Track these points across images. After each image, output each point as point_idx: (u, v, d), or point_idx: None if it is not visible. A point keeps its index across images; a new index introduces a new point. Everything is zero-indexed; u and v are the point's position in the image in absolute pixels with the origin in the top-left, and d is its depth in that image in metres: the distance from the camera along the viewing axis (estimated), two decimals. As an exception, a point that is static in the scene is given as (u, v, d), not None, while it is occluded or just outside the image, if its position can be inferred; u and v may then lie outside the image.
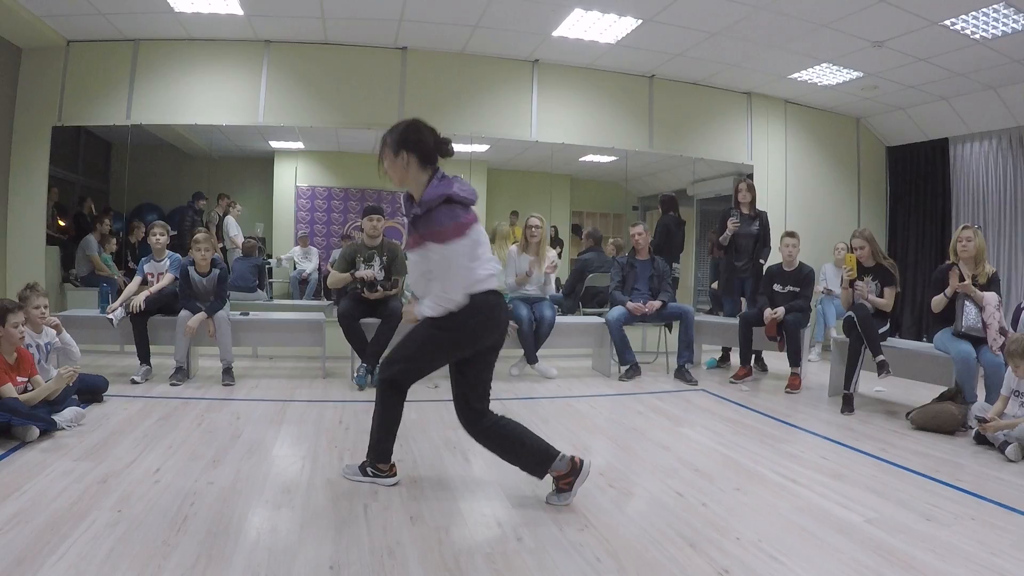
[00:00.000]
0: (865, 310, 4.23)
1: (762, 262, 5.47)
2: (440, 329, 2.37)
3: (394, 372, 2.52)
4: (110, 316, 4.50)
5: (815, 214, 7.26)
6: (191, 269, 4.56)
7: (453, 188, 2.31)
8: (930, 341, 4.32)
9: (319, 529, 2.17)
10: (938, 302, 4.03)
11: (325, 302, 6.28)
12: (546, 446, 2.44)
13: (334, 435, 3.32)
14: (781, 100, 7.23)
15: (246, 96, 5.92)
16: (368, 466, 2.63)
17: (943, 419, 3.65)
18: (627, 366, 5.08)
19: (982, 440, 3.39)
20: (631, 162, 7.12)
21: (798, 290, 4.91)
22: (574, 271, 6.50)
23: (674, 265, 6.19)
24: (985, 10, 4.67)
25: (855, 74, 6.23)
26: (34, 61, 5.66)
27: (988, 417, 3.37)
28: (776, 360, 5.44)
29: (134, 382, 4.31)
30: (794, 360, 4.80)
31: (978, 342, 3.84)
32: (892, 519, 2.38)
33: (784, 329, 4.82)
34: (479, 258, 2.34)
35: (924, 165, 7.46)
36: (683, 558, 2.03)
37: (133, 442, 3.04)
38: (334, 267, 4.84)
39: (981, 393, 3.76)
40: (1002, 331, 3.80)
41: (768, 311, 4.83)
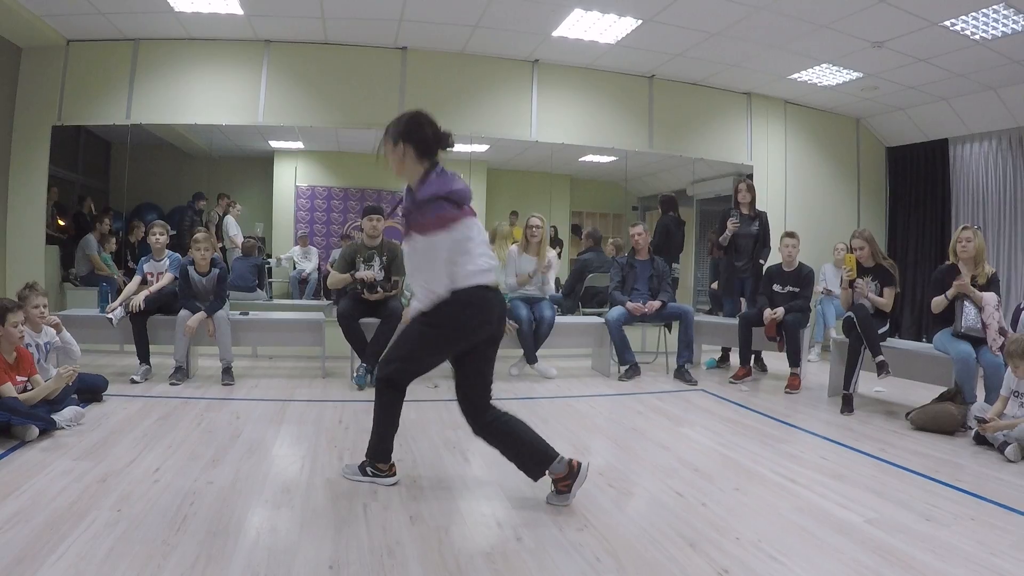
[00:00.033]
0: (865, 310, 4.23)
1: (762, 262, 5.47)
2: (430, 326, 2.39)
3: (390, 371, 2.52)
4: (110, 315, 4.50)
5: (815, 214, 7.26)
6: (191, 269, 4.56)
7: (450, 187, 2.32)
8: (930, 341, 4.32)
9: (319, 529, 2.17)
10: (938, 303, 4.03)
11: (325, 302, 6.28)
12: (546, 447, 2.44)
13: (334, 435, 3.32)
14: (781, 100, 7.24)
15: (246, 96, 5.92)
16: (368, 466, 2.63)
17: (943, 419, 3.65)
18: (627, 366, 5.08)
19: (982, 440, 3.39)
20: (631, 162, 7.12)
21: (798, 290, 4.91)
22: (574, 271, 6.50)
23: (674, 265, 6.19)
24: (985, 11, 4.67)
25: (855, 75, 6.23)
26: (34, 60, 5.65)
27: (988, 417, 3.37)
28: (776, 360, 5.44)
29: (134, 381, 4.31)
30: (794, 360, 4.81)
31: (978, 342, 3.84)
32: (892, 519, 2.38)
33: (784, 329, 4.82)
34: (469, 253, 2.34)
35: (924, 166, 7.46)
36: (683, 558, 2.03)
37: (133, 441, 3.04)
38: (334, 267, 4.84)
39: (981, 393, 3.76)
40: (1001, 331, 3.81)
41: (768, 311, 4.83)
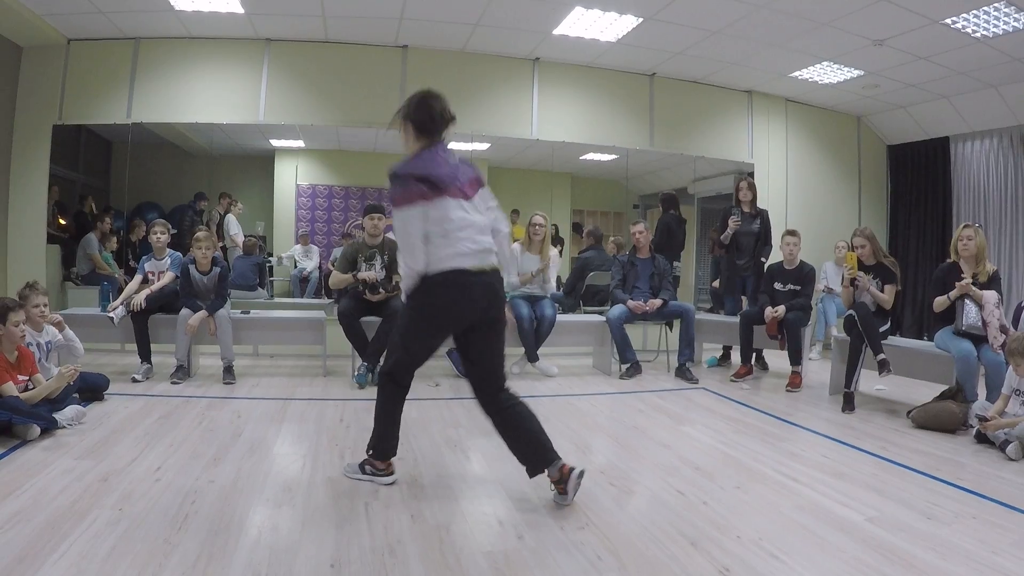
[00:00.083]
0: (866, 308, 4.23)
1: (763, 260, 5.46)
2: (414, 311, 2.45)
3: (389, 364, 2.56)
4: (111, 315, 4.50)
5: (816, 212, 7.26)
6: (192, 267, 4.56)
7: (428, 169, 2.35)
8: (931, 340, 4.32)
9: (320, 527, 2.17)
10: (940, 303, 4.03)
11: (326, 300, 6.28)
12: (549, 447, 2.44)
13: (335, 433, 3.32)
14: (782, 98, 7.23)
15: (247, 94, 5.92)
16: (366, 463, 2.64)
17: (944, 418, 3.64)
18: (628, 364, 5.08)
19: (983, 439, 3.38)
20: (632, 160, 7.12)
21: (799, 288, 4.90)
22: (575, 269, 6.50)
23: (675, 263, 6.18)
24: (986, 8, 4.66)
25: (856, 72, 6.22)
26: (35, 59, 5.65)
27: (989, 416, 3.37)
28: (777, 358, 5.44)
29: (135, 380, 4.31)
30: (795, 359, 4.80)
31: (979, 340, 3.84)
32: (893, 517, 2.38)
33: (785, 328, 4.81)
34: (447, 235, 2.35)
35: (925, 163, 7.45)
36: (684, 556, 2.03)
37: (134, 440, 3.04)
38: (335, 267, 4.83)
39: (982, 392, 3.75)
40: (1003, 329, 3.80)
41: (769, 309, 4.83)
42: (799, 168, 7.35)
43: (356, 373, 4.58)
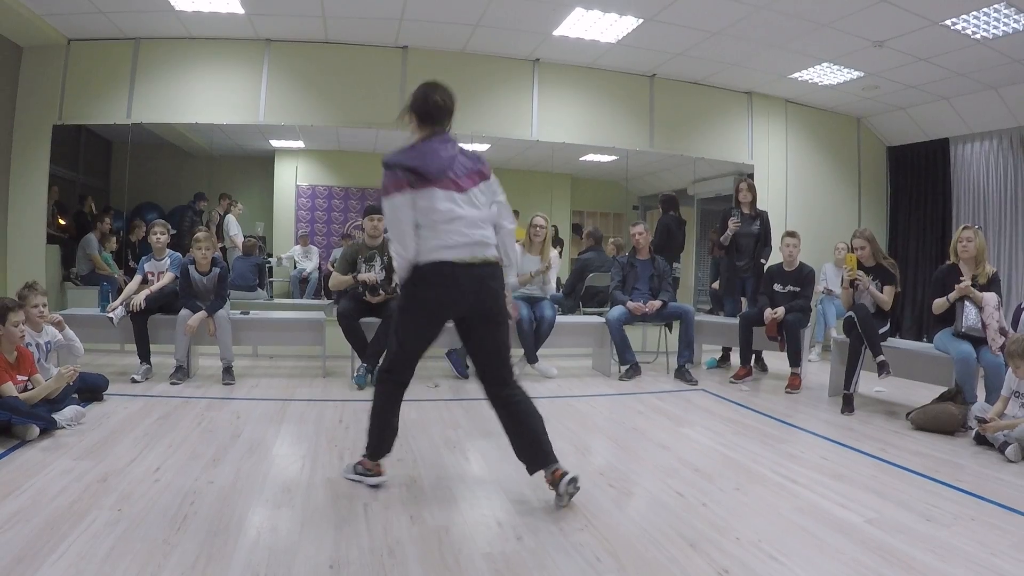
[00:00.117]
0: (865, 310, 4.23)
1: (763, 262, 5.47)
2: (404, 302, 2.49)
3: (387, 361, 2.58)
4: (110, 315, 4.50)
5: (816, 214, 7.26)
6: (191, 268, 4.56)
7: (415, 161, 2.38)
8: (930, 341, 4.32)
9: (319, 528, 2.17)
10: (939, 304, 4.03)
11: (325, 301, 6.28)
12: (545, 451, 2.44)
13: (334, 434, 3.32)
14: (782, 100, 7.23)
15: (247, 95, 5.92)
16: (357, 463, 2.63)
17: (943, 419, 3.65)
18: (627, 366, 5.08)
19: (982, 441, 3.39)
20: (632, 161, 7.12)
21: (798, 290, 4.90)
22: (574, 271, 6.50)
23: (674, 265, 6.19)
24: (986, 10, 4.67)
25: (856, 74, 6.22)
26: (35, 59, 5.65)
27: (988, 417, 3.37)
28: (776, 360, 5.44)
29: (134, 381, 4.31)
30: (794, 360, 4.80)
31: (978, 342, 3.84)
32: (892, 519, 2.38)
33: (784, 329, 4.81)
34: (434, 227, 2.36)
35: (925, 165, 7.46)
36: (683, 558, 2.03)
37: (133, 441, 3.04)
38: (335, 268, 4.83)
39: (981, 393, 3.76)
40: (1002, 331, 3.80)
41: (768, 311, 4.83)
42: (799, 169, 7.36)
43: (355, 374, 4.58)
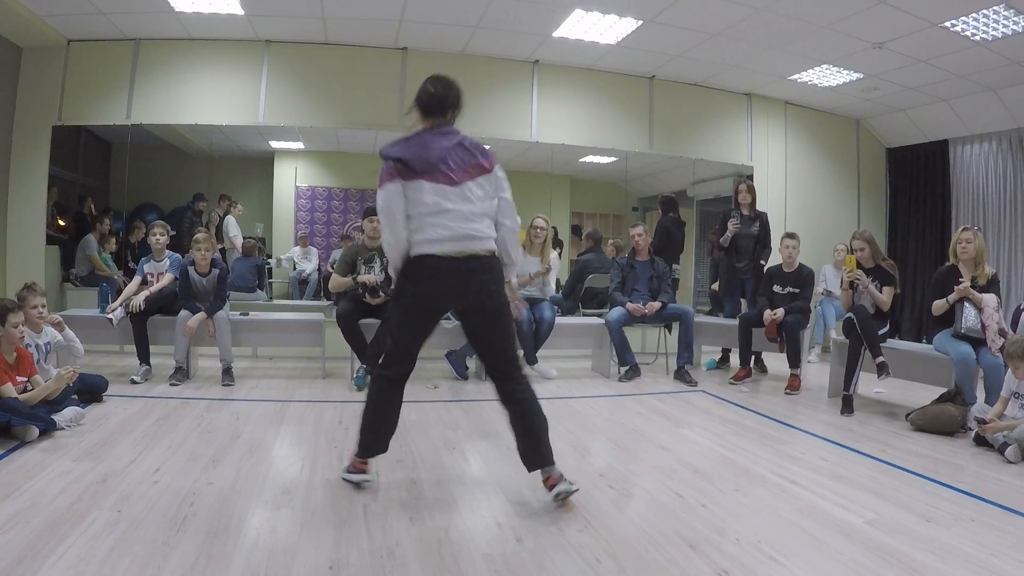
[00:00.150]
0: (865, 311, 4.23)
1: (762, 263, 5.47)
2: (398, 297, 2.52)
3: (385, 359, 2.59)
4: (110, 316, 4.50)
5: (815, 215, 7.26)
6: (191, 269, 4.56)
7: (407, 152, 2.39)
8: (930, 342, 4.32)
9: (319, 529, 2.17)
10: (939, 306, 4.03)
11: (325, 302, 6.28)
12: (548, 451, 2.45)
13: (333, 435, 3.32)
14: (781, 101, 7.23)
15: (246, 96, 5.92)
16: (350, 463, 2.63)
17: (943, 420, 3.65)
18: (627, 367, 5.08)
19: (982, 441, 3.39)
20: (631, 163, 7.12)
21: (798, 291, 4.91)
22: (574, 272, 6.50)
23: (674, 266, 6.19)
24: (985, 12, 4.67)
25: (855, 75, 6.23)
26: (34, 60, 5.65)
27: (988, 418, 3.37)
28: (776, 361, 5.44)
29: (134, 382, 4.31)
30: (794, 361, 4.80)
31: (978, 343, 3.84)
32: (892, 520, 2.38)
33: (784, 330, 4.81)
34: (420, 219, 2.38)
35: (924, 166, 7.46)
36: (683, 559, 2.03)
37: (133, 442, 3.04)
38: (335, 270, 4.83)
39: (981, 394, 3.76)
40: (1001, 332, 3.80)
41: (768, 312, 4.83)
42: (798, 171, 7.36)
43: (355, 375, 4.58)
